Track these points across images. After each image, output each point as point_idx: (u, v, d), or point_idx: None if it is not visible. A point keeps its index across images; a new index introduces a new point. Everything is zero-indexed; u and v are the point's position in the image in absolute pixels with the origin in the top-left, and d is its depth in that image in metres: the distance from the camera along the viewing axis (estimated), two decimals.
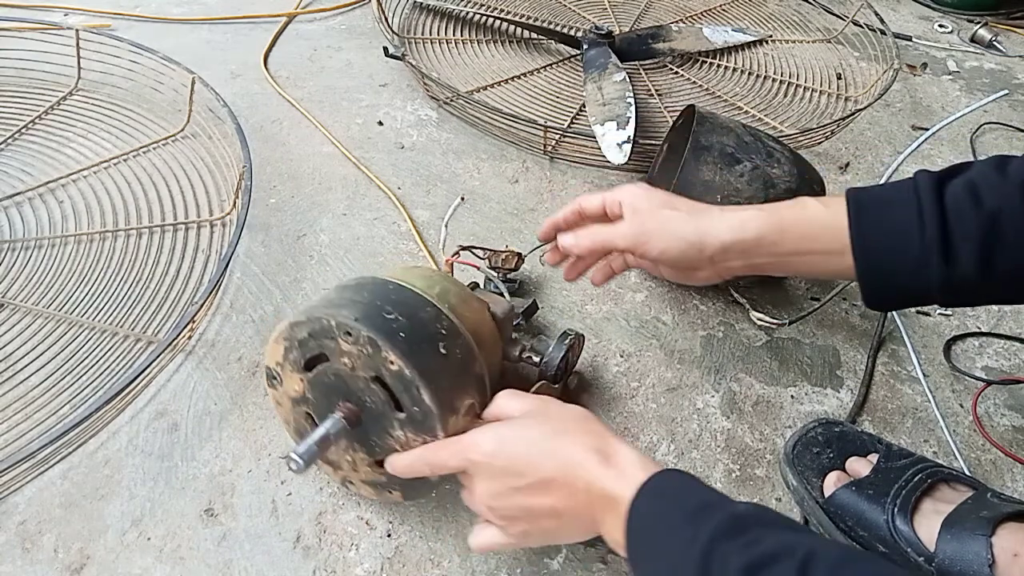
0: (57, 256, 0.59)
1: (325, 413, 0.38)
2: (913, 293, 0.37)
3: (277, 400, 0.41)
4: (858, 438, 0.47)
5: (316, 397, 0.39)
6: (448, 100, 0.79)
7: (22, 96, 0.73)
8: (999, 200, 0.35)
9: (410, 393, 0.36)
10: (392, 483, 0.40)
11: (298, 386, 0.39)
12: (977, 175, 0.36)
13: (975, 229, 0.35)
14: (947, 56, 0.99)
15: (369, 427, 0.38)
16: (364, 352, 0.36)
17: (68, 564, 0.41)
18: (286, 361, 0.39)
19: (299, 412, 0.41)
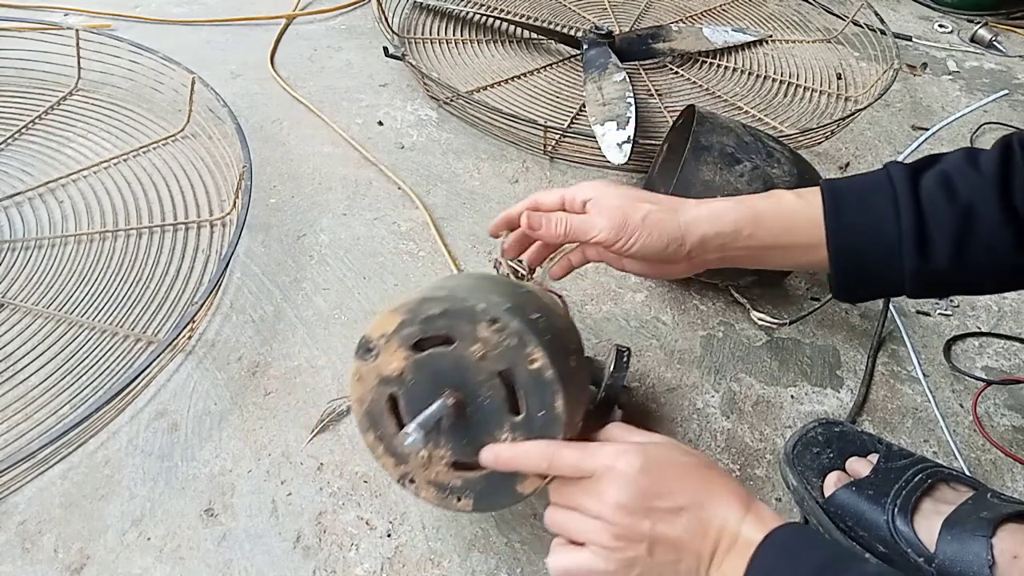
0: (57, 256, 0.59)
1: (420, 398, 0.36)
2: (884, 284, 0.38)
3: (359, 374, 0.37)
4: (858, 438, 0.47)
5: (416, 379, 0.36)
6: (448, 100, 0.79)
7: (22, 96, 0.73)
8: (973, 194, 0.35)
9: (542, 396, 0.34)
10: (465, 490, 0.37)
11: (398, 364, 0.36)
12: (950, 167, 0.37)
13: (950, 222, 0.35)
14: (947, 56, 1.00)
15: (471, 424, 0.36)
16: (505, 344, 0.34)
17: (68, 564, 0.41)
18: (396, 335, 0.36)
19: (382, 392, 0.37)
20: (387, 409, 0.37)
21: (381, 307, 0.58)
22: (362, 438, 0.38)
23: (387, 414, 0.37)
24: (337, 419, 0.50)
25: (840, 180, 0.39)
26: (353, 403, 0.38)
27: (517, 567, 0.43)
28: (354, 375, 0.37)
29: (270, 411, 0.50)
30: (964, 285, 0.38)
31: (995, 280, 0.38)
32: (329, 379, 0.52)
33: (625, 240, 0.39)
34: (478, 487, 0.37)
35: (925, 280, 0.36)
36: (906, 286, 0.37)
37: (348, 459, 0.47)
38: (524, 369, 0.34)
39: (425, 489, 0.38)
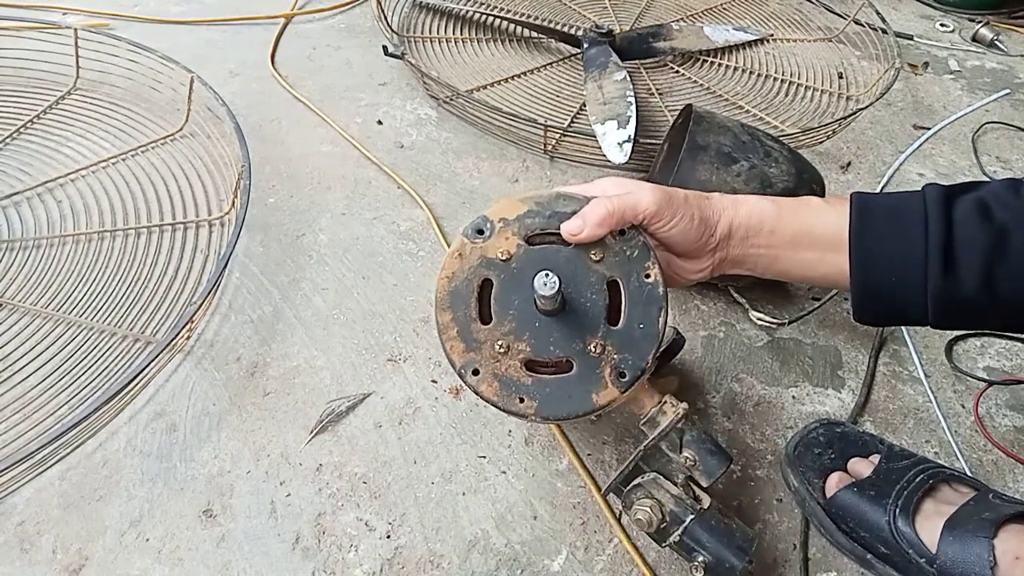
0: (55, 256, 0.58)
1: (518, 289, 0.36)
2: (906, 306, 0.36)
3: (461, 251, 0.36)
4: (859, 438, 0.47)
5: (520, 268, 0.36)
6: (448, 99, 0.79)
7: (20, 95, 0.73)
8: (1010, 217, 0.34)
9: (647, 310, 0.35)
10: (533, 391, 0.35)
11: (506, 251, 0.36)
12: (988, 193, 0.35)
13: (981, 242, 0.33)
14: (948, 55, 0.99)
15: (564, 323, 0.35)
16: (627, 254, 0.35)
17: (67, 565, 0.41)
18: (517, 222, 0.36)
19: (478, 274, 0.36)
20: (477, 292, 0.36)
21: (379, 307, 0.57)
22: (436, 316, 0.36)
23: (475, 297, 0.36)
24: (336, 420, 0.49)
25: (872, 194, 0.38)
26: (441, 279, 0.36)
27: (517, 568, 0.42)
28: (454, 251, 0.36)
29: (269, 412, 0.50)
30: (990, 316, 0.36)
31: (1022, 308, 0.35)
32: (328, 379, 0.52)
33: (669, 217, 0.37)
34: (548, 390, 0.35)
35: (949, 306, 0.34)
36: (929, 311, 0.35)
37: (347, 460, 0.47)
38: (638, 280, 0.35)
39: (488, 383, 0.36)
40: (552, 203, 0.36)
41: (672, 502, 0.38)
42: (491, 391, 0.36)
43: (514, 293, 0.36)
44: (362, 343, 0.55)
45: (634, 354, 0.36)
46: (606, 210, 0.35)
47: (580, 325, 0.35)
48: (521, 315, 0.36)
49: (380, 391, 0.51)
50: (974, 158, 0.79)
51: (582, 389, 0.35)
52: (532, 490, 0.46)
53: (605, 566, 0.43)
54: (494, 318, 0.36)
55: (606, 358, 0.36)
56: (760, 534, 0.45)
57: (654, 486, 0.39)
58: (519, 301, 0.36)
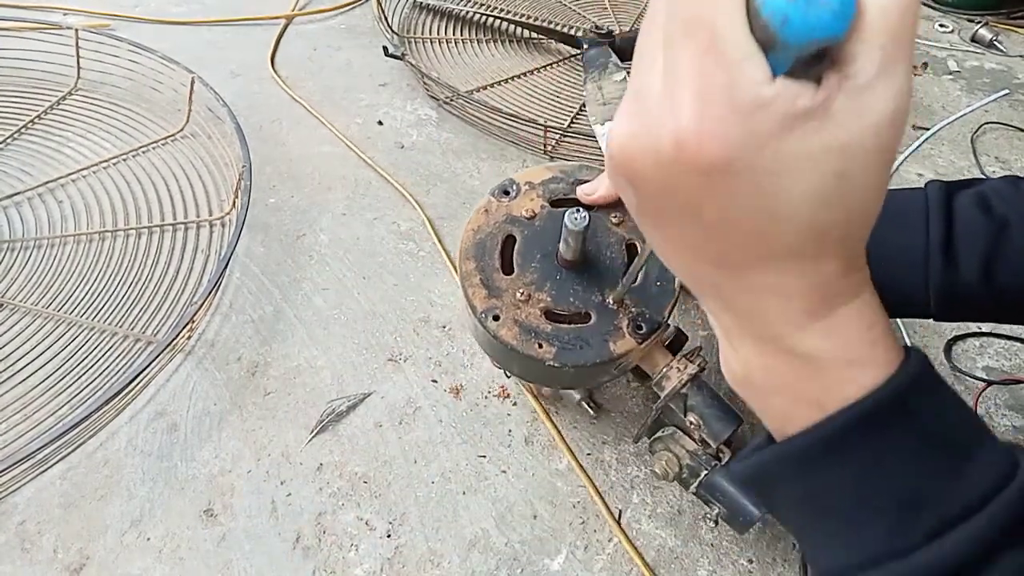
0: (56, 256, 0.59)
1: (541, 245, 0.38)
2: (909, 299, 0.36)
3: (487, 208, 0.39)
4: None
5: (542, 228, 0.38)
6: (448, 100, 0.79)
7: (21, 96, 0.73)
8: (1010, 209, 0.34)
9: (665, 270, 0.37)
10: (552, 338, 0.36)
11: (530, 209, 0.38)
12: (988, 188, 0.36)
13: (981, 234, 0.34)
14: (948, 56, 0.99)
15: (584, 276, 0.37)
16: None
17: (67, 564, 0.41)
18: (542, 186, 0.39)
19: (503, 229, 0.38)
20: (500, 245, 0.38)
21: (379, 307, 0.58)
22: (460, 265, 0.37)
23: (498, 250, 0.38)
24: (337, 419, 0.49)
25: None
26: (467, 231, 0.38)
27: (517, 567, 0.43)
28: (480, 208, 0.39)
29: (269, 411, 0.50)
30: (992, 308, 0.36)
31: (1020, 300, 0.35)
32: (329, 379, 0.52)
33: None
34: (567, 337, 0.36)
35: (951, 298, 0.35)
36: (932, 303, 0.35)
37: (348, 459, 0.47)
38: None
39: (508, 328, 0.36)
40: (576, 172, 0.39)
41: (688, 456, 0.40)
42: (511, 335, 0.36)
43: (537, 248, 0.38)
44: (362, 343, 0.55)
45: (652, 308, 0.37)
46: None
47: (600, 280, 0.37)
48: (543, 268, 0.37)
49: (380, 391, 0.51)
50: (973, 158, 0.79)
51: (600, 338, 0.36)
52: (532, 489, 0.46)
53: (605, 565, 0.43)
54: (516, 270, 0.37)
55: (624, 311, 0.36)
56: (760, 530, 0.45)
57: (671, 441, 0.41)
58: (541, 256, 0.37)
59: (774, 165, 0.16)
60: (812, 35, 0.15)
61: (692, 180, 0.17)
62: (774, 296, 0.19)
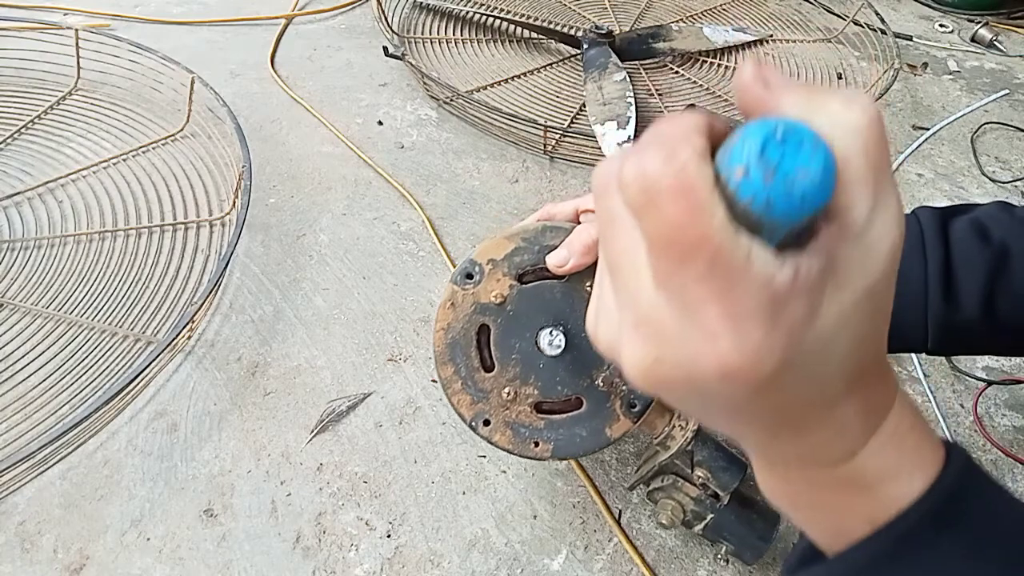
0: (56, 256, 0.59)
1: (517, 330, 0.35)
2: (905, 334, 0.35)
3: (453, 300, 0.35)
4: None
5: (516, 310, 0.35)
6: (448, 100, 0.79)
7: (22, 96, 0.73)
8: (1008, 237, 0.33)
9: None
10: (546, 433, 0.35)
11: (500, 293, 0.34)
12: (983, 214, 0.35)
13: (981, 266, 0.33)
14: (948, 56, 0.99)
15: (569, 359, 0.34)
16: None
17: (67, 564, 0.41)
18: (506, 261, 0.34)
19: (474, 321, 0.35)
20: (475, 340, 0.35)
21: (379, 307, 0.58)
22: (437, 371, 0.36)
23: (474, 346, 0.35)
24: (337, 419, 0.49)
25: None
26: (437, 332, 0.35)
27: (517, 567, 0.43)
28: (446, 301, 0.35)
29: (269, 411, 0.50)
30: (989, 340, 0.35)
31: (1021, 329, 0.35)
32: (329, 379, 0.52)
33: None
34: (561, 430, 0.35)
35: (950, 332, 0.34)
36: (929, 338, 0.34)
37: (348, 459, 0.47)
38: None
39: (501, 432, 0.36)
40: (539, 237, 0.34)
41: (692, 503, 0.40)
42: (504, 440, 0.36)
43: (513, 336, 0.35)
44: (362, 343, 0.55)
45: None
46: (590, 237, 0.32)
47: (585, 360, 0.34)
48: (524, 357, 0.35)
49: (380, 391, 0.51)
50: (973, 158, 0.79)
51: (594, 425, 0.35)
52: (532, 489, 0.46)
53: (604, 565, 0.43)
54: (497, 365, 0.35)
55: (615, 391, 0.35)
56: None
57: (673, 489, 0.40)
58: (520, 343, 0.35)
59: (816, 344, 0.16)
60: (801, 212, 0.14)
61: (739, 392, 0.16)
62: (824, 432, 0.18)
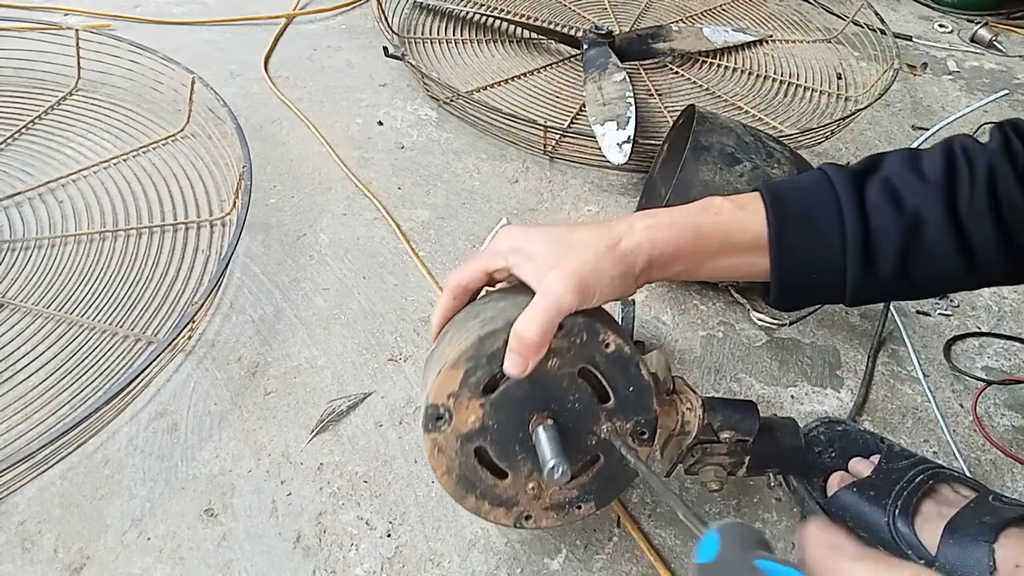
0: (57, 256, 0.59)
1: (509, 435, 0.35)
2: (824, 293, 0.37)
3: (437, 446, 0.35)
4: (860, 437, 0.47)
5: (498, 421, 0.35)
6: (448, 100, 0.79)
7: (22, 96, 0.73)
8: (920, 203, 0.35)
9: (626, 372, 0.35)
10: (583, 496, 0.37)
11: (476, 415, 0.35)
12: (893, 175, 0.36)
13: (896, 233, 0.35)
14: (947, 56, 0.99)
15: (568, 431, 0.35)
16: (576, 343, 0.33)
17: (68, 564, 0.41)
18: (463, 388, 0.34)
19: (467, 452, 0.36)
20: (478, 465, 0.36)
21: (379, 307, 0.58)
22: (461, 505, 0.37)
23: (480, 469, 0.36)
24: (337, 419, 0.50)
25: (780, 186, 0.37)
26: (441, 478, 0.36)
27: (517, 567, 0.43)
28: (431, 450, 0.35)
29: (270, 411, 0.50)
30: (901, 294, 0.38)
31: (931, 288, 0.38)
32: (329, 379, 0.52)
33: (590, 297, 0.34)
34: (594, 486, 0.37)
35: (866, 290, 0.36)
36: (846, 296, 0.37)
37: (348, 459, 0.47)
38: (603, 357, 0.34)
39: (545, 517, 0.38)
40: (480, 349, 0.33)
41: (727, 458, 0.41)
42: (551, 521, 0.38)
43: (510, 442, 0.35)
44: (363, 343, 0.55)
45: (640, 412, 0.36)
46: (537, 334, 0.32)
47: (581, 421, 0.35)
48: (530, 452, 0.35)
49: (381, 390, 0.52)
50: None
51: (619, 466, 0.37)
52: None
53: (604, 564, 0.43)
54: (509, 472, 0.36)
55: (620, 433, 0.36)
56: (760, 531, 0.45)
57: (706, 455, 0.41)
58: (519, 444, 0.35)
59: None
60: None
61: None
62: None
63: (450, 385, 0.34)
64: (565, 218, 0.68)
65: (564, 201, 0.70)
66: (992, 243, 0.35)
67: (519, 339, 0.32)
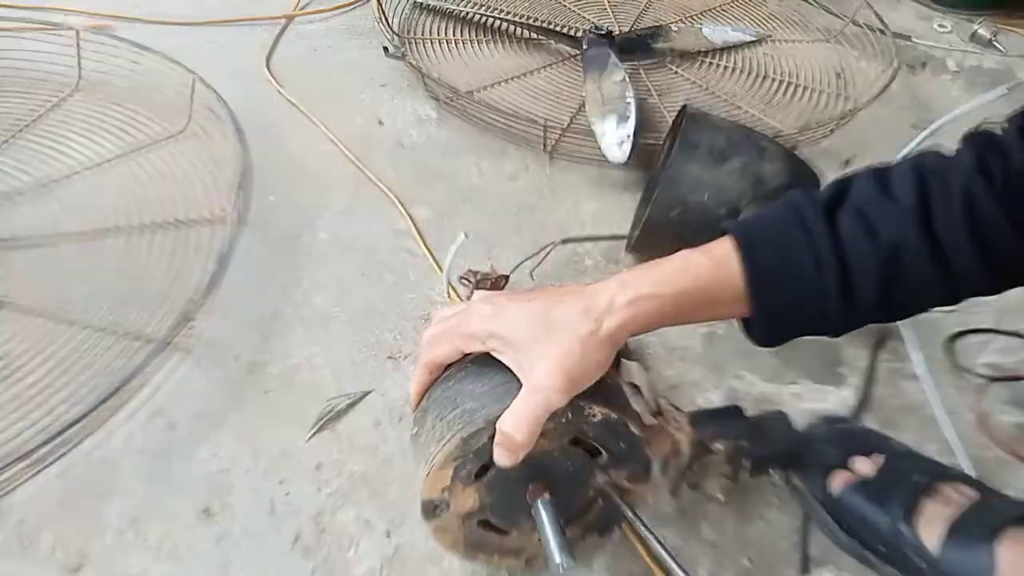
0: (55, 255, 0.58)
1: (508, 503, 0.37)
2: (809, 330, 0.38)
3: (440, 529, 0.37)
4: (863, 435, 0.46)
5: (495, 499, 0.36)
6: (448, 99, 0.79)
7: (23, 96, 0.73)
8: (894, 230, 0.34)
9: (617, 433, 0.35)
10: (585, 532, 0.40)
11: (472, 499, 0.36)
12: (863, 201, 0.36)
13: (874, 265, 0.34)
14: (947, 55, 0.99)
15: (565, 490, 0.37)
16: (563, 422, 0.34)
17: (66, 563, 0.41)
18: (456, 481, 0.35)
19: (470, 526, 0.38)
20: (484, 532, 0.38)
21: (378, 305, 0.57)
22: (472, 563, 0.40)
23: (485, 534, 0.38)
24: (336, 418, 0.49)
25: (751, 229, 0.37)
26: (447, 549, 0.39)
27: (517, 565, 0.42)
28: (434, 532, 0.37)
29: (268, 410, 0.49)
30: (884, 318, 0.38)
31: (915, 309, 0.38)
32: (328, 378, 0.52)
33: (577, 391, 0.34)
34: (596, 524, 0.40)
35: (850, 322, 0.37)
36: (830, 330, 0.37)
37: (347, 458, 0.47)
38: (590, 427, 0.35)
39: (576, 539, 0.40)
40: (466, 449, 0.34)
41: (727, 467, 0.42)
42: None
43: (511, 509, 0.37)
44: (362, 341, 0.55)
45: (634, 459, 0.37)
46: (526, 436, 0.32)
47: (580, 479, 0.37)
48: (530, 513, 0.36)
49: (380, 389, 0.51)
50: None
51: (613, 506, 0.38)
52: None
53: (605, 562, 0.43)
54: (514, 529, 0.38)
55: (616, 479, 0.38)
56: (761, 531, 0.45)
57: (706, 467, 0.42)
58: (519, 511, 0.37)
59: None
60: None
61: None
62: None
63: (441, 482, 0.35)
64: (565, 215, 0.68)
65: (564, 199, 0.70)
66: (972, 261, 0.34)
67: (507, 438, 0.32)
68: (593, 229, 0.66)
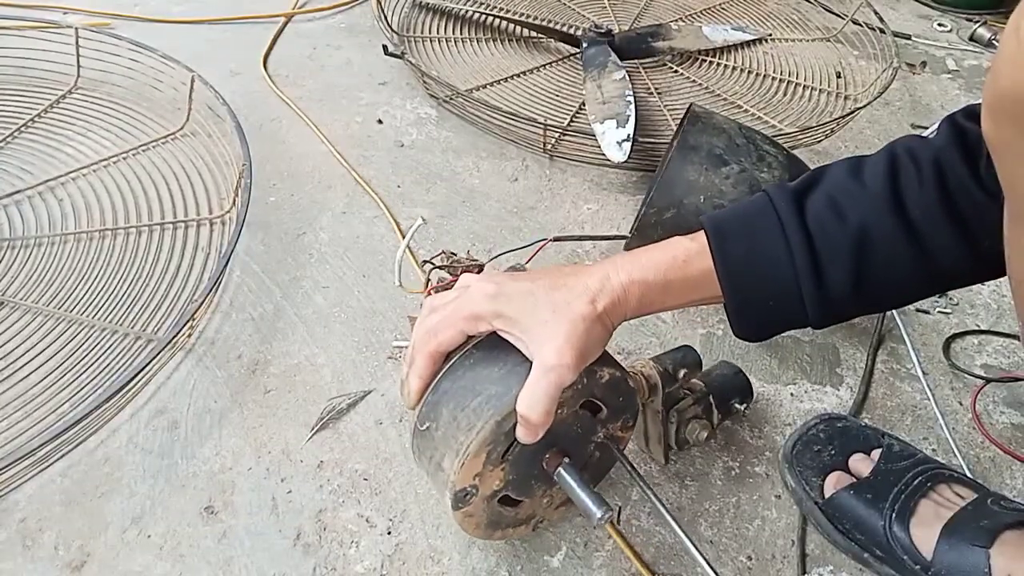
0: (57, 254, 0.59)
1: (526, 479, 0.38)
2: (787, 320, 0.37)
3: (468, 514, 0.37)
4: (861, 433, 0.46)
5: (516, 474, 0.37)
6: (448, 98, 0.79)
7: (22, 94, 0.73)
8: (863, 212, 0.34)
9: (619, 389, 0.38)
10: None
11: (498, 479, 0.37)
12: (834, 187, 0.36)
13: (844, 248, 0.34)
14: (946, 55, 1.00)
15: (573, 452, 0.39)
16: (577, 388, 0.36)
17: (68, 561, 0.41)
18: (487, 464, 0.35)
19: (493, 505, 0.38)
20: (501, 508, 0.39)
21: (379, 305, 0.58)
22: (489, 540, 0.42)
23: (503, 509, 0.39)
24: (337, 417, 0.50)
25: (723, 216, 0.37)
26: (473, 533, 0.40)
27: (517, 564, 0.43)
28: (462, 520, 0.38)
29: (270, 409, 0.50)
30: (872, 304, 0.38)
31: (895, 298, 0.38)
32: (329, 377, 0.52)
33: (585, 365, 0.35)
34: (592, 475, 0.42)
35: (826, 309, 0.36)
36: (809, 318, 0.36)
37: (348, 456, 0.47)
38: (599, 388, 0.37)
39: (555, 515, 0.43)
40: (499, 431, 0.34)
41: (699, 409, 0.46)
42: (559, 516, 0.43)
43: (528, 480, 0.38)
44: (363, 341, 0.55)
45: (628, 411, 0.40)
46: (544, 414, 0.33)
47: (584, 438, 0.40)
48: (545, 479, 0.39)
49: (381, 388, 0.52)
50: None
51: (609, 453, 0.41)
52: None
53: (604, 562, 0.43)
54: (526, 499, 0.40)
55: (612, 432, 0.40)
56: (760, 528, 0.45)
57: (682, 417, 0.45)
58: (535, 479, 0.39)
59: None
60: None
61: None
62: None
63: (475, 469, 0.35)
64: (565, 216, 0.68)
65: (564, 199, 0.70)
66: (949, 240, 0.34)
67: (528, 420, 0.33)
68: (592, 229, 0.66)
